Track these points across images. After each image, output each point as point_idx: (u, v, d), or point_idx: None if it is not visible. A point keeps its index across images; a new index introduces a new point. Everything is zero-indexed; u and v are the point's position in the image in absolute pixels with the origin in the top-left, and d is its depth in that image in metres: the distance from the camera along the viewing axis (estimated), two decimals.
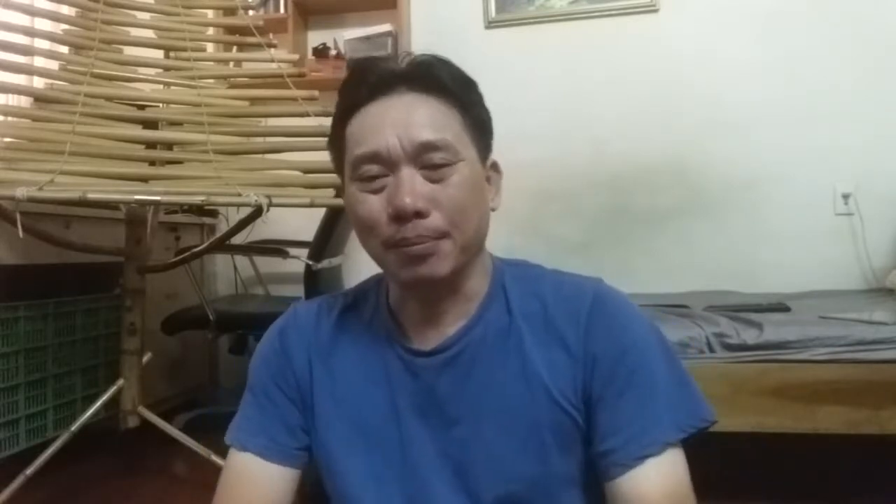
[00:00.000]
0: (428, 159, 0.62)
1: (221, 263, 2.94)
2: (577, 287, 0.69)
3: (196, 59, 1.92)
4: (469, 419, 0.66)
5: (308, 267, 2.02)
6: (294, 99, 1.83)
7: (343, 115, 0.67)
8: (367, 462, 0.68)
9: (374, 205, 0.63)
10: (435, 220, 0.61)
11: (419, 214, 0.60)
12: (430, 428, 0.67)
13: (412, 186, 0.61)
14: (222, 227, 2.80)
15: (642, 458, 0.60)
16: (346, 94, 0.67)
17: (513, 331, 0.67)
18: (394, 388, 0.69)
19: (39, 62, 1.91)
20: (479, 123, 0.68)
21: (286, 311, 0.78)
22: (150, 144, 1.78)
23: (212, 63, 2.11)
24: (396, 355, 0.70)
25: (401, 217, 0.60)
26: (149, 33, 1.95)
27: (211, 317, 2.16)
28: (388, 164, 0.62)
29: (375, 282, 0.77)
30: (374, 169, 0.63)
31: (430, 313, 0.69)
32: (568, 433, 0.65)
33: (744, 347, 1.50)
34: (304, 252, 2.06)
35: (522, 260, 0.76)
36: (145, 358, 1.85)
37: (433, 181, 0.62)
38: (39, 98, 1.72)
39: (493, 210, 0.70)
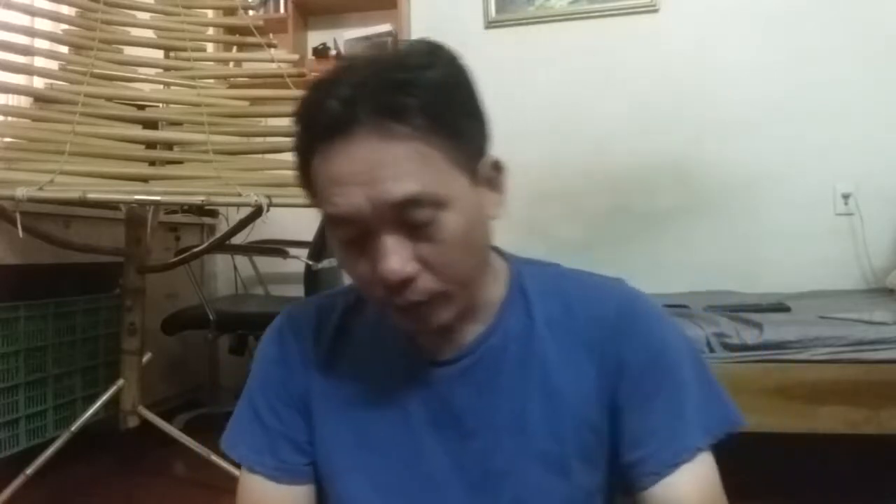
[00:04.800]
0: (409, 217, 0.52)
1: (221, 263, 2.93)
2: (601, 288, 0.65)
3: (196, 59, 1.92)
4: (487, 432, 0.62)
5: (308, 267, 2.02)
6: (294, 99, 1.82)
7: (303, 152, 0.58)
8: (374, 475, 0.64)
9: (361, 267, 0.56)
10: (426, 282, 0.55)
11: (408, 281, 0.54)
12: (445, 440, 0.63)
13: (395, 253, 0.53)
14: (222, 227, 2.80)
15: (676, 465, 0.57)
16: (301, 130, 0.58)
17: (535, 338, 0.62)
18: (405, 397, 0.64)
19: (39, 62, 1.90)
20: (468, 137, 0.56)
21: (281, 313, 0.72)
22: (150, 144, 1.78)
23: (212, 63, 2.12)
24: (407, 363, 0.65)
25: (388, 287, 0.54)
26: (149, 33, 1.94)
27: (211, 317, 2.16)
28: (364, 226, 0.54)
29: None
30: (351, 232, 0.55)
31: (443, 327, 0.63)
32: (592, 447, 0.61)
33: (744, 347, 1.50)
34: (304, 252, 2.06)
35: (538, 259, 0.70)
36: (145, 358, 1.85)
37: (420, 239, 0.54)
38: (39, 98, 1.72)
39: (494, 218, 0.61)
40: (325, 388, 0.67)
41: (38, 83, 1.79)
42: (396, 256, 0.53)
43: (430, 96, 0.52)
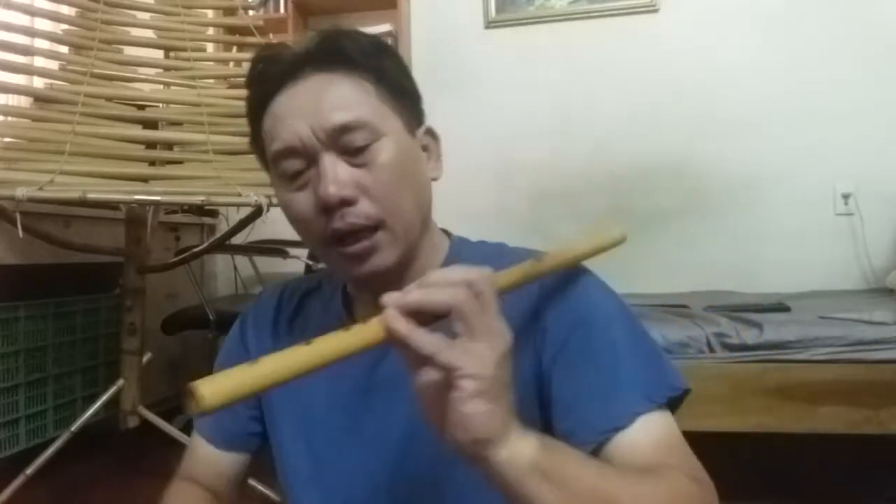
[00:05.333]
0: (347, 142, 0.57)
1: (221, 263, 2.93)
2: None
3: (196, 59, 1.92)
4: (412, 399, 0.62)
5: (308, 267, 2.03)
6: None
7: (255, 113, 0.63)
8: (311, 453, 0.67)
9: (302, 203, 0.59)
10: (364, 206, 0.57)
11: (346, 202, 0.57)
12: (374, 412, 0.65)
13: (335, 174, 0.57)
14: (222, 227, 2.79)
15: (611, 432, 0.54)
16: (253, 90, 0.64)
17: None
18: (337, 374, 0.64)
19: (39, 62, 1.90)
20: (398, 90, 0.62)
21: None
22: (150, 144, 1.78)
23: (212, 63, 2.11)
24: None
25: (328, 208, 0.57)
26: (149, 33, 1.94)
27: (211, 317, 2.16)
28: (306, 155, 0.58)
29: None
30: (294, 164, 0.59)
31: None
32: (521, 412, 0.59)
33: (744, 347, 1.50)
34: (303, 252, 2.06)
35: (482, 240, 0.72)
36: (145, 358, 1.85)
37: (358, 166, 0.58)
38: (39, 98, 1.72)
39: (434, 180, 0.65)
40: None
41: (38, 83, 1.79)
42: (336, 176, 0.57)
43: (369, 48, 0.61)
